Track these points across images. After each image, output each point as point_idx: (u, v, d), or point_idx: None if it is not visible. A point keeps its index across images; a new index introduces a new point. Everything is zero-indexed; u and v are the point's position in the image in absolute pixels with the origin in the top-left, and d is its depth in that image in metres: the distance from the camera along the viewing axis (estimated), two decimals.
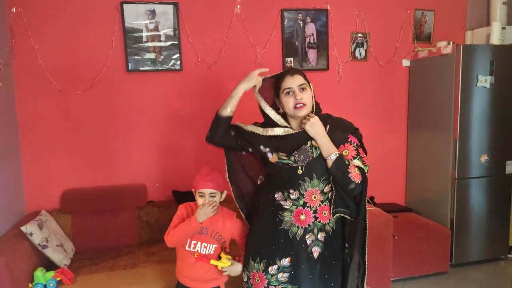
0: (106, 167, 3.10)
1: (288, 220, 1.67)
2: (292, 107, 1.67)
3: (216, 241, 1.96)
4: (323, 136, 1.63)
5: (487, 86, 3.22)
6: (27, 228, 2.44)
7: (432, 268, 3.19)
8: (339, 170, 1.61)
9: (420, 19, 3.66)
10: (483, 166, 3.32)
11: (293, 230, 1.67)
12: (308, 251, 1.67)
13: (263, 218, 1.75)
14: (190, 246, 1.94)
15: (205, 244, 1.94)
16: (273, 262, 1.67)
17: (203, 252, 1.94)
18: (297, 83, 1.68)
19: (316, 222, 1.67)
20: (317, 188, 1.66)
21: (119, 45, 3.02)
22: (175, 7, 3.07)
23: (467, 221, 3.34)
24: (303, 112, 1.66)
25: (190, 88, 3.20)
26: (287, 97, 1.68)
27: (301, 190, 1.65)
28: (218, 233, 1.96)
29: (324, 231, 1.69)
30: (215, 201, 1.91)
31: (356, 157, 1.67)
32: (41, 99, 2.95)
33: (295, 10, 3.33)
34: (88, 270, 2.51)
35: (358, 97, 3.59)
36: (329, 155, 1.62)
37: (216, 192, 1.92)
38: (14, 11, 2.82)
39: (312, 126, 1.63)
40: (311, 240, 1.67)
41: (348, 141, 1.70)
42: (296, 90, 1.67)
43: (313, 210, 1.66)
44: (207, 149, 3.27)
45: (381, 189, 3.67)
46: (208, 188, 1.90)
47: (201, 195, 1.92)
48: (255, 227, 1.80)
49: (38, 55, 2.89)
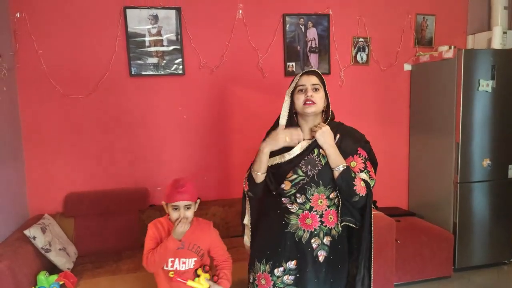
0: (108, 171, 3.11)
1: (294, 224, 1.67)
2: (301, 103, 1.67)
3: (195, 253, 1.85)
4: (331, 147, 1.63)
5: (489, 90, 3.23)
6: (30, 232, 2.45)
7: (435, 273, 3.18)
8: (345, 182, 1.61)
9: (421, 23, 3.68)
10: (486, 170, 3.32)
11: (299, 234, 1.67)
12: (314, 255, 1.66)
13: (269, 220, 1.74)
14: (168, 265, 1.83)
15: (183, 259, 1.83)
16: (279, 264, 1.67)
17: (183, 268, 1.82)
18: (311, 82, 1.69)
19: (322, 227, 1.67)
20: (323, 194, 1.66)
21: (122, 49, 3.04)
22: (177, 12, 3.09)
23: (470, 225, 3.33)
24: (311, 109, 1.66)
25: (192, 93, 3.21)
26: (299, 94, 1.69)
27: (307, 195, 1.65)
28: (195, 245, 1.85)
29: (330, 236, 1.69)
30: (191, 214, 1.80)
31: (364, 170, 1.68)
32: (44, 103, 2.96)
33: (296, 15, 3.35)
34: (90, 274, 2.51)
35: (360, 101, 3.60)
36: (336, 166, 1.62)
37: (191, 203, 1.82)
38: (18, 16, 2.84)
39: (323, 135, 1.62)
40: (316, 244, 1.67)
41: (357, 153, 1.69)
42: (308, 88, 1.68)
43: (319, 214, 1.66)
44: (209, 153, 3.30)
45: (384, 193, 3.66)
46: (183, 201, 1.78)
47: (175, 208, 1.79)
48: (262, 228, 1.79)
49: (41, 60, 2.91)
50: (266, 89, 3.33)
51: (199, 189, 3.20)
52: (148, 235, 1.86)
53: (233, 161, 3.32)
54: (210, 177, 3.31)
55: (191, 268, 1.83)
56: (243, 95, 3.30)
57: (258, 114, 3.24)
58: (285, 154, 1.68)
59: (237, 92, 3.29)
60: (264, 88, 3.31)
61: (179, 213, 1.78)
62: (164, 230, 1.85)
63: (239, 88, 3.29)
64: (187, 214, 1.80)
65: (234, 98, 3.29)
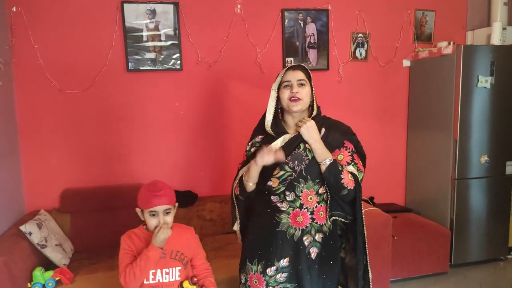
0: (105, 167, 3.10)
1: (285, 222, 1.66)
2: (287, 99, 1.66)
3: (179, 262, 1.69)
4: (317, 141, 1.62)
5: (488, 86, 3.22)
6: (26, 228, 2.44)
7: (431, 269, 3.18)
8: (332, 176, 1.60)
9: (420, 19, 3.66)
10: (483, 167, 3.32)
11: (290, 232, 1.66)
12: (306, 252, 1.66)
13: (259, 219, 1.73)
14: (149, 278, 1.63)
15: (166, 270, 1.65)
16: (271, 264, 1.66)
17: (166, 280, 1.64)
18: (296, 78, 1.67)
19: (313, 224, 1.67)
20: (312, 189, 1.65)
21: (119, 44, 3.02)
22: (175, 6, 3.06)
23: (467, 222, 3.33)
24: (297, 107, 1.65)
25: (190, 88, 3.19)
26: (285, 89, 1.68)
27: (296, 192, 1.64)
28: (178, 252, 1.69)
29: (321, 232, 1.68)
30: (171, 219, 1.64)
31: (351, 163, 1.67)
32: (40, 98, 2.94)
33: (295, 10, 3.33)
34: (87, 270, 2.51)
35: (358, 97, 3.59)
36: (323, 160, 1.61)
37: (170, 207, 1.66)
38: (15, 10, 2.82)
39: (308, 130, 1.61)
40: (308, 241, 1.66)
41: (344, 146, 1.68)
42: (294, 84, 1.66)
43: (310, 211, 1.66)
44: (206, 149, 3.29)
45: (381, 189, 3.67)
46: (162, 205, 1.61)
47: (152, 214, 1.62)
48: (252, 228, 1.78)
49: (38, 54, 2.89)
50: (265, 85, 3.29)
51: (196, 184, 3.23)
52: (123, 249, 1.66)
53: (230, 157, 3.31)
54: (206, 173, 3.30)
55: (176, 280, 1.67)
56: (241, 91, 3.29)
57: (256, 109, 3.20)
58: None
59: (235, 87, 3.27)
60: (262, 84, 3.29)
61: (158, 219, 1.62)
62: (140, 241, 1.67)
63: (237, 83, 3.27)
64: (167, 219, 1.64)
65: (232, 94, 3.28)
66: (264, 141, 1.75)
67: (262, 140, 1.77)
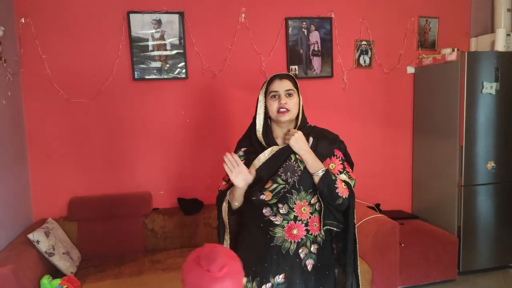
0: (112, 175, 3.12)
1: (280, 236, 1.60)
2: (275, 110, 1.63)
3: None
4: (307, 152, 1.58)
5: (493, 92, 3.21)
6: (34, 236, 2.46)
7: (439, 276, 3.15)
8: (326, 186, 1.56)
9: (424, 26, 3.67)
10: (490, 173, 3.30)
11: (285, 246, 1.61)
12: (302, 265, 1.61)
13: (252, 234, 1.66)
14: None
15: None
16: (267, 280, 1.60)
17: None
18: (284, 88, 1.64)
19: (308, 235, 1.62)
20: (305, 200, 1.61)
21: (126, 54, 3.06)
22: (180, 16, 3.10)
23: (474, 229, 3.31)
24: (285, 118, 1.62)
25: (195, 96, 3.22)
26: (272, 100, 1.64)
27: (290, 204, 1.60)
28: None
29: (316, 243, 1.64)
30: None
31: (343, 171, 1.64)
32: (48, 108, 2.98)
33: (299, 19, 3.36)
34: (94, 278, 2.52)
35: (363, 104, 3.59)
36: (315, 171, 1.57)
37: None
38: (23, 22, 2.87)
39: (297, 141, 1.57)
40: (304, 254, 1.62)
41: (334, 155, 1.66)
42: (281, 94, 1.63)
43: (304, 223, 1.61)
44: (211, 157, 3.30)
45: (387, 196, 3.65)
46: None
47: None
48: (245, 243, 1.70)
49: (45, 64, 2.93)
50: None
51: (202, 192, 3.24)
52: None
53: None
54: (212, 181, 3.30)
55: None
56: (246, 99, 3.29)
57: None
58: (254, 162, 1.63)
59: (240, 96, 3.29)
60: None
61: None
62: None
63: (242, 92, 3.30)
64: None
65: (237, 102, 3.29)
66: (246, 154, 1.70)
67: (245, 153, 1.71)
